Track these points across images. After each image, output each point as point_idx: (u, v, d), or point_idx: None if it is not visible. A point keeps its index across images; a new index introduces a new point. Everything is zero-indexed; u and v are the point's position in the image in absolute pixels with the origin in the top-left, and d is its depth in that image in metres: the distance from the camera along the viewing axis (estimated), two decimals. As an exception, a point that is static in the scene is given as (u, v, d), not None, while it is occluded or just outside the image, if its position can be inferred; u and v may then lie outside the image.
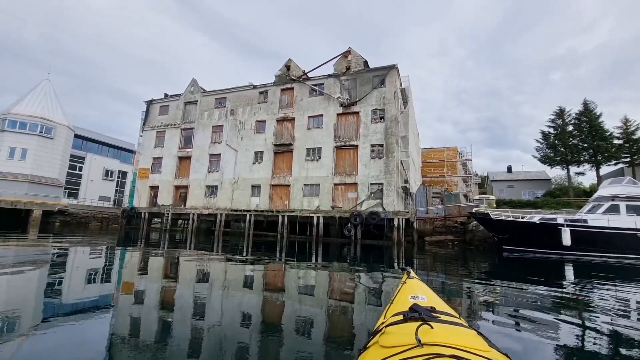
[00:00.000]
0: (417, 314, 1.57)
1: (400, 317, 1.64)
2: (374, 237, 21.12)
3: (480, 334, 1.47)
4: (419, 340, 1.25)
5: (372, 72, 24.76)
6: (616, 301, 5.99)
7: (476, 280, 8.31)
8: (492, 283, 8.03)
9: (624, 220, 14.91)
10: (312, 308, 4.93)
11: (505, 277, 9.52)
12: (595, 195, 16.89)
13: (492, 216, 16.93)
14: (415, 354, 1.19)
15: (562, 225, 15.12)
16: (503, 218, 16.81)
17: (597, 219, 15.24)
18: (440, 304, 1.93)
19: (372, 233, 21.15)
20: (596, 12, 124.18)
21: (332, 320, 4.34)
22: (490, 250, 17.67)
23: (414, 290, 2.25)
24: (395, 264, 11.39)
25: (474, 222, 19.05)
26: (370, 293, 6.41)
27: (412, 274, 2.71)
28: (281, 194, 25.93)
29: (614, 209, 15.29)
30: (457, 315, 1.77)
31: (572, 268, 11.59)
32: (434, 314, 1.61)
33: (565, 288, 7.56)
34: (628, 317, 4.86)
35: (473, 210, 18.94)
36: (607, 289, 7.37)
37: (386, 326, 1.61)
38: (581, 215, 15.91)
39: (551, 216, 16.34)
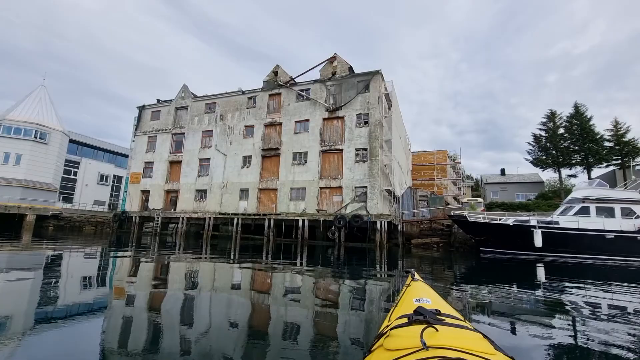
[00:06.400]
0: (422, 317, 1.55)
1: (405, 320, 1.62)
2: (357, 239, 21.41)
3: (485, 336, 1.44)
4: (424, 344, 1.24)
5: (357, 78, 25.21)
6: (593, 303, 6.22)
7: (457, 282, 8.54)
8: (489, 285, 8.23)
9: (593, 222, 15.21)
10: (312, 312, 4.90)
11: (487, 279, 9.70)
12: (569, 197, 17.18)
13: (469, 218, 17.24)
14: (421, 357, 1.18)
15: (534, 227, 15.42)
16: (480, 220, 17.12)
17: (568, 221, 15.54)
18: (445, 307, 1.91)
19: (356, 236, 21.45)
20: (589, 13, 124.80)
21: (334, 324, 4.33)
22: (470, 252, 17.96)
23: (419, 292, 2.22)
24: (378, 266, 11.69)
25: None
26: (366, 295, 6.50)
27: (417, 276, 2.66)
28: (269, 197, 26.31)
29: (584, 211, 15.60)
30: (462, 318, 1.75)
31: (543, 269, 11.86)
32: (439, 317, 1.59)
33: (553, 289, 7.84)
34: (616, 319, 4.98)
35: (452, 213, 19.24)
36: (592, 291, 7.66)
37: (391, 329, 1.60)
38: (553, 217, 16.21)
39: (525, 218, 16.65)
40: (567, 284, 8.48)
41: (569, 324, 4.72)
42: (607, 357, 3.45)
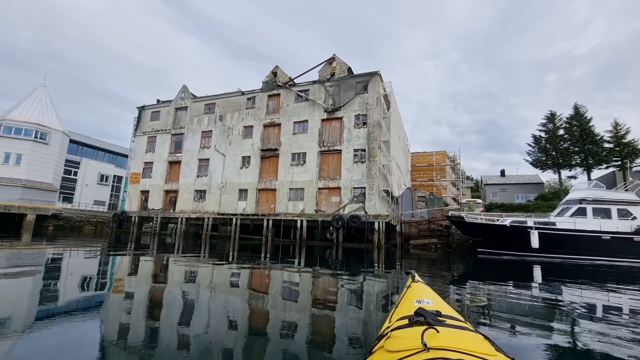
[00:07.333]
0: (423, 318, 1.55)
1: (406, 322, 1.62)
2: (355, 240, 21.45)
3: (486, 338, 1.44)
4: (425, 345, 1.24)
5: (356, 79, 25.29)
6: (591, 303, 6.27)
7: (456, 283, 8.56)
8: (487, 286, 8.25)
9: (589, 223, 15.22)
10: (311, 314, 4.89)
11: (485, 279, 9.67)
12: (566, 198, 17.21)
13: (466, 219, 17.27)
14: (422, 358, 1.18)
15: (531, 228, 15.44)
16: (477, 221, 17.14)
17: (565, 222, 15.55)
18: (445, 308, 1.92)
19: (354, 236, 21.49)
20: (589, 13, 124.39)
21: (333, 326, 4.32)
22: (468, 252, 17.99)
23: (419, 294, 2.22)
24: (376, 267, 11.71)
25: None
26: (365, 296, 6.48)
27: (417, 277, 2.65)
28: (267, 197, 26.39)
29: (581, 212, 15.62)
30: (463, 320, 1.76)
31: (539, 269, 11.86)
32: (440, 318, 1.59)
33: (551, 290, 7.85)
34: (617, 320, 4.99)
35: (449, 214, 19.27)
36: (589, 291, 7.71)
37: (392, 330, 1.59)
38: (550, 218, 16.23)
39: (521, 219, 16.66)
40: (564, 285, 8.52)
41: (567, 325, 4.75)
42: (607, 357, 3.49)
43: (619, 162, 30.89)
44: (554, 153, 33.32)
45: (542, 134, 34.88)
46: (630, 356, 3.46)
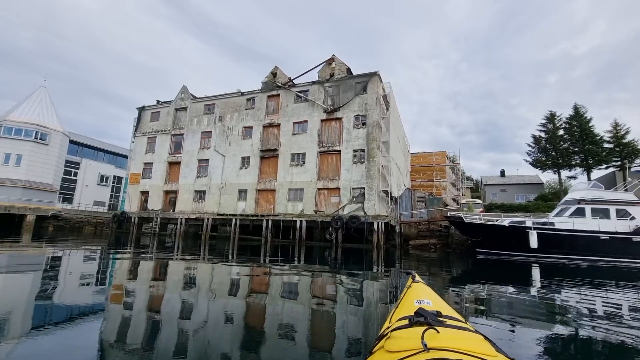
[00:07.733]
0: (423, 319, 1.54)
1: (406, 322, 1.62)
2: (354, 240, 21.47)
3: (487, 338, 1.44)
4: (425, 345, 1.24)
5: (355, 79, 25.32)
6: (590, 303, 6.25)
7: (456, 284, 8.57)
8: (487, 286, 8.24)
9: (588, 223, 15.23)
10: (310, 314, 4.86)
11: (484, 280, 9.65)
12: (564, 198, 17.23)
13: (465, 220, 17.28)
14: (422, 359, 1.19)
15: (530, 228, 15.46)
16: (476, 222, 17.15)
17: (563, 222, 15.56)
18: (446, 308, 1.91)
19: (353, 237, 21.50)
20: (589, 13, 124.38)
21: (333, 326, 4.30)
22: (467, 253, 17.99)
23: (419, 294, 2.21)
24: (376, 267, 11.70)
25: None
26: (365, 297, 6.48)
27: (417, 278, 2.65)
28: (267, 198, 26.41)
29: (579, 212, 15.62)
30: (464, 320, 1.75)
31: (538, 270, 11.83)
32: (440, 319, 1.58)
33: (550, 290, 7.84)
34: (618, 321, 4.96)
35: (449, 214, 19.29)
36: (588, 292, 7.69)
37: (392, 331, 1.59)
38: (549, 219, 16.24)
39: (520, 219, 16.68)
40: (563, 285, 8.51)
41: (567, 325, 4.74)
42: (606, 356, 3.48)
43: (619, 163, 30.88)
44: (553, 153, 33.33)
45: (542, 134, 34.91)
46: (629, 355, 3.48)
